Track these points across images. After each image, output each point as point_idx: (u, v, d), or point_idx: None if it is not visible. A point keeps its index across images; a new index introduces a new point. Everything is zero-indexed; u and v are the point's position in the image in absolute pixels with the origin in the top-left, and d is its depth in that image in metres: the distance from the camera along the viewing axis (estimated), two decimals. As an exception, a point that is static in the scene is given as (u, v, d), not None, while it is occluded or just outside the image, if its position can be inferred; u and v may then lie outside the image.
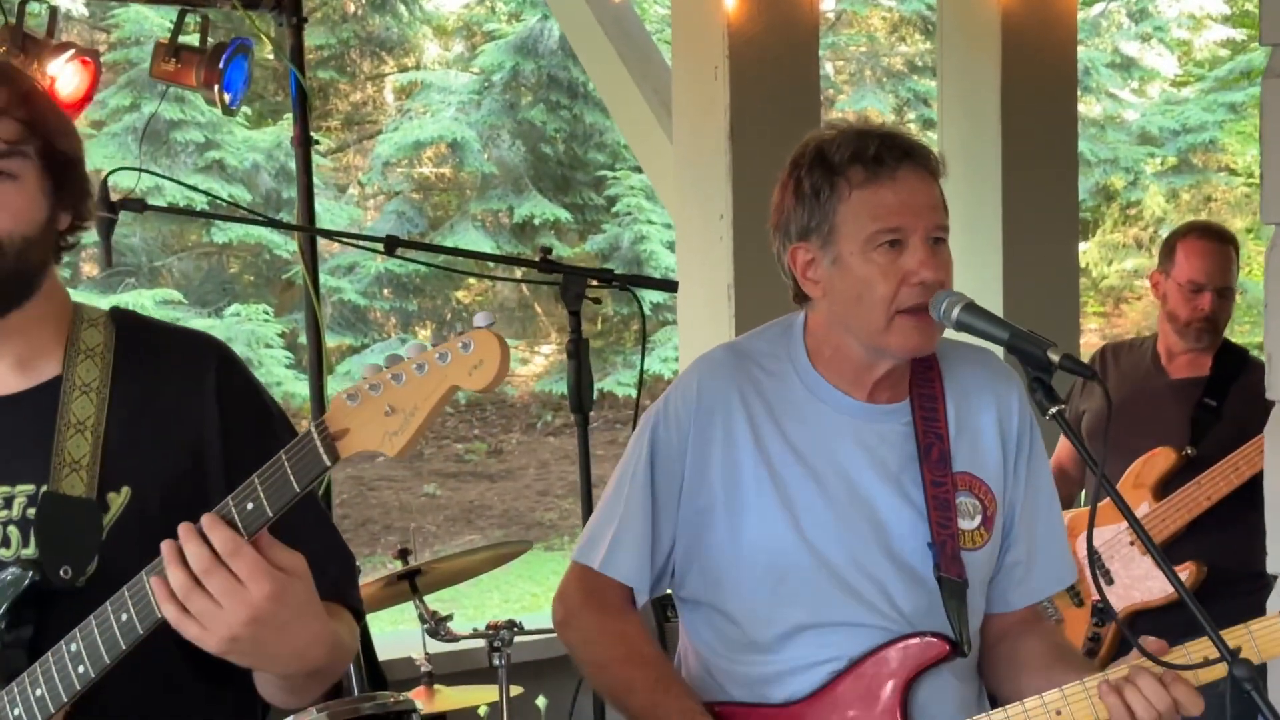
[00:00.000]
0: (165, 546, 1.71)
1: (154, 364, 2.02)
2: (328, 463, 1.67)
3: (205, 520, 1.70)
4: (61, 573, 1.86)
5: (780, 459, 2.42)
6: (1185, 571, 4.03)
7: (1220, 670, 2.14)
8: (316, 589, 1.88)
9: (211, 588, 1.68)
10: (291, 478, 1.68)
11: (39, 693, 1.82)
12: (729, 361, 2.51)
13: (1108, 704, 2.21)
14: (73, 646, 1.80)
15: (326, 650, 1.83)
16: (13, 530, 1.92)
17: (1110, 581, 4.08)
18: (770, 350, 2.51)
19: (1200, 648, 2.21)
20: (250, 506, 1.71)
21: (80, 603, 1.82)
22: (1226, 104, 19.42)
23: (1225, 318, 4.24)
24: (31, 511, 1.91)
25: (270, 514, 1.71)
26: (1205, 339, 4.21)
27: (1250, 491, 4.00)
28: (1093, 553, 2.21)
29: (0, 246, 1.89)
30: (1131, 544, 4.12)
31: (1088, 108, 19.50)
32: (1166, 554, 4.04)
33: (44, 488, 1.91)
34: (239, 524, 1.71)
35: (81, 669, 1.79)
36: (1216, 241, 4.23)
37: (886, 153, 2.34)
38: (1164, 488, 4.13)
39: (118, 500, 1.93)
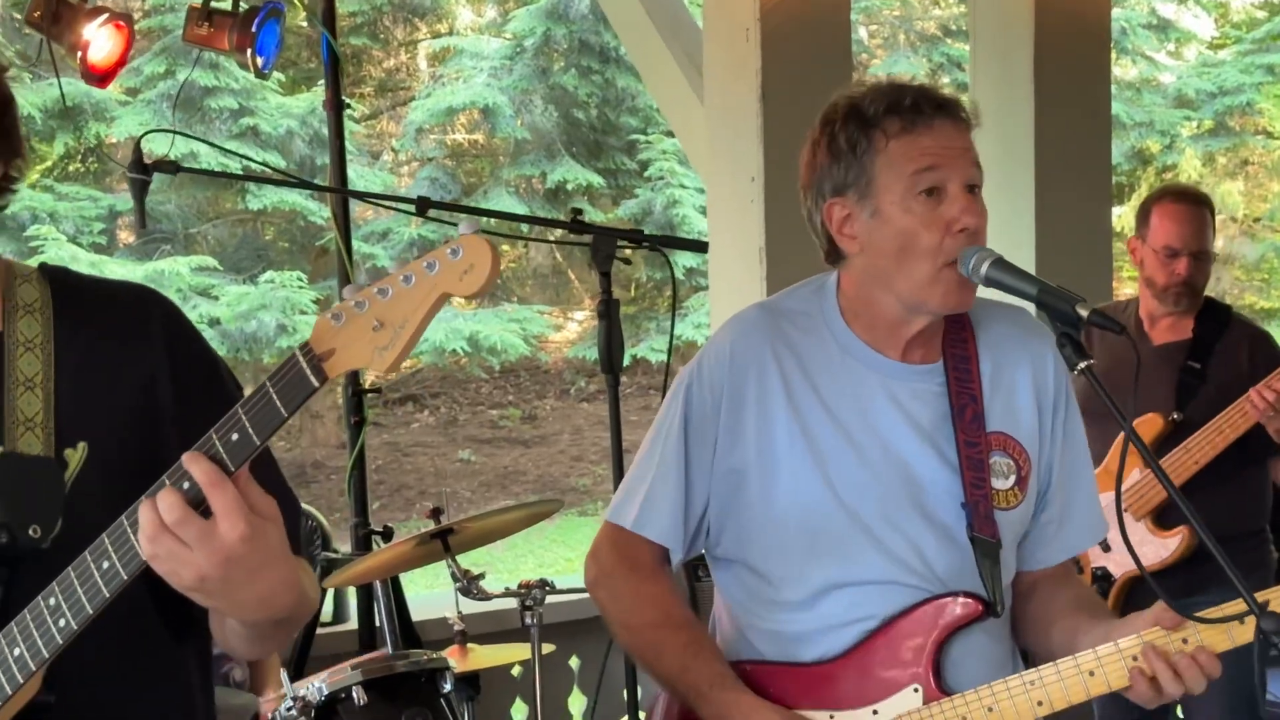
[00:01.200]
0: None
1: (96, 316, 1.96)
2: (315, 384, 1.62)
3: (186, 458, 1.64)
4: (30, 532, 1.81)
5: (813, 416, 2.42)
6: (1178, 537, 4.02)
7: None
8: None
9: (184, 535, 1.63)
10: (278, 403, 1.63)
11: (17, 651, 1.77)
12: (762, 320, 2.51)
13: (1155, 668, 2.22)
14: (51, 600, 1.74)
15: (294, 598, 1.76)
16: None
17: (1107, 549, 4.08)
18: (803, 309, 2.51)
19: (1229, 607, 2.22)
20: (235, 438, 1.66)
21: (47, 564, 1.76)
22: (1264, 66, 19.27)
23: (1203, 280, 4.20)
24: None
25: (258, 442, 1.65)
26: (1184, 303, 4.17)
27: (1239, 451, 4.03)
28: (1120, 511, 2.21)
29: None
30: (1126, 510, 4.10)
31: (1123, 70, 19.39)
32: (1160, 520, 4.06)
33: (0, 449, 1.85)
34: (224, 457, 1.66)
35: (63, 622, 1.74)
36: (1190, 205, 4.19)
37: (923, 102, 2.34)
38: (1153, 454, 4.11)
39: (76, 456, 1.88)
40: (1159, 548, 4.03)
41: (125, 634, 1.90)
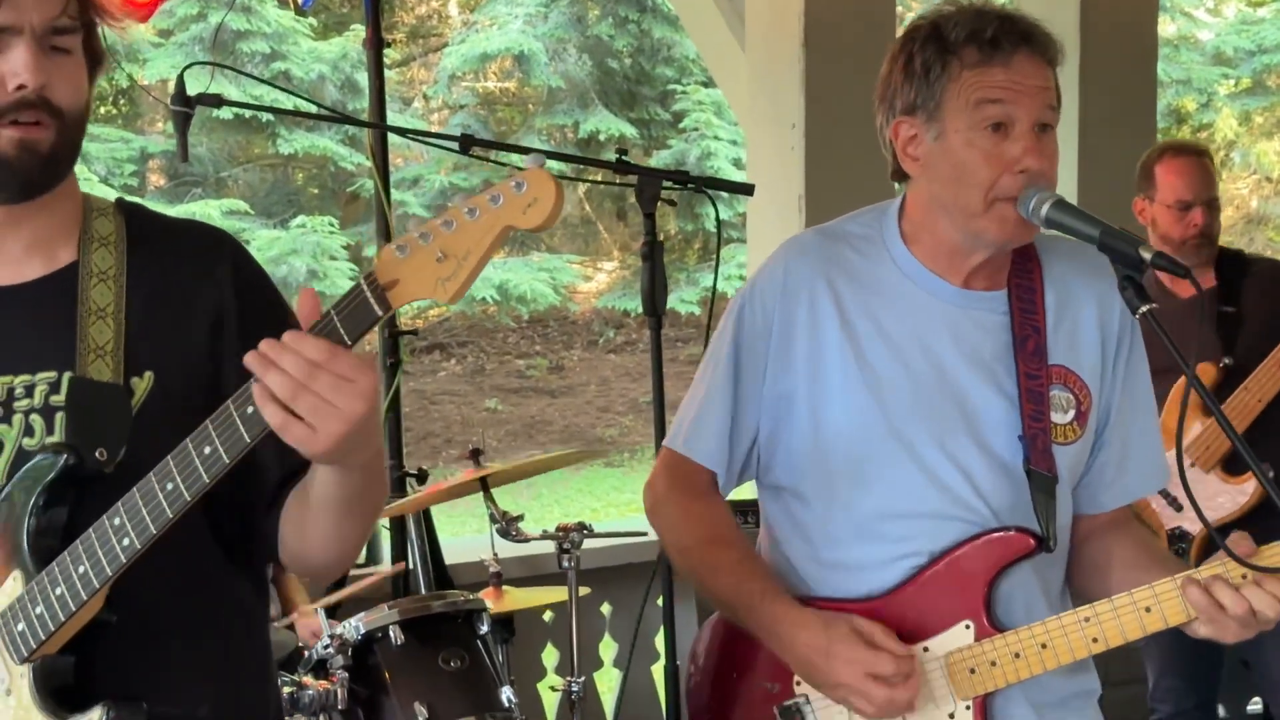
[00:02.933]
0: (251, 357, 1.66)
1: (167, 251, 2.02)
2: (379, 313, 1.65)
3: (290, 335, 1.66)
4: (97, 454, 1.85)
5: (867, 340, 2.39)
6: (1252, 481, 3.98)
7: None
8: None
9: (318, 388, 1.64)
10: (342, 332, 1.65)
11: (81, 569, 1.80)
12: (817, 244, 2.48)
13: (1216, 590, 2.17)
14: (115, 520, 1.78)
15: (379, 439, 1.80)
16: (35, 419, 1.91)
17: (1179, 509, 4.04)
18: (864, 232, 2.48)
19: None
20: None
21: (111, 488, 1.80)
22: (1305, 25, 19.09)
23: (1218, 228, 4.23)
24: (54, 399, 1.91)
25: None
26: (1204, 253, 4.18)
27: None
28: (1181, 463, 2.19)
29: (64, 119, 1.90)
30: (1192, 465, 4.07)
31: (1161, 27, 19.15)
32: (1230, 468, 4.03)
33: (68, 374, 1.90)
34: (342, 335, 1.68)
35: (126, 541, 1.77)
36: (1193, 155, 4.24)
37: (1004, 36, 2.29)
38: (1214, 398, 4.09)
39: (142, 385, 1.92)
40: (1235, 495, 4.00)
41: (184, 561, 1.93)
